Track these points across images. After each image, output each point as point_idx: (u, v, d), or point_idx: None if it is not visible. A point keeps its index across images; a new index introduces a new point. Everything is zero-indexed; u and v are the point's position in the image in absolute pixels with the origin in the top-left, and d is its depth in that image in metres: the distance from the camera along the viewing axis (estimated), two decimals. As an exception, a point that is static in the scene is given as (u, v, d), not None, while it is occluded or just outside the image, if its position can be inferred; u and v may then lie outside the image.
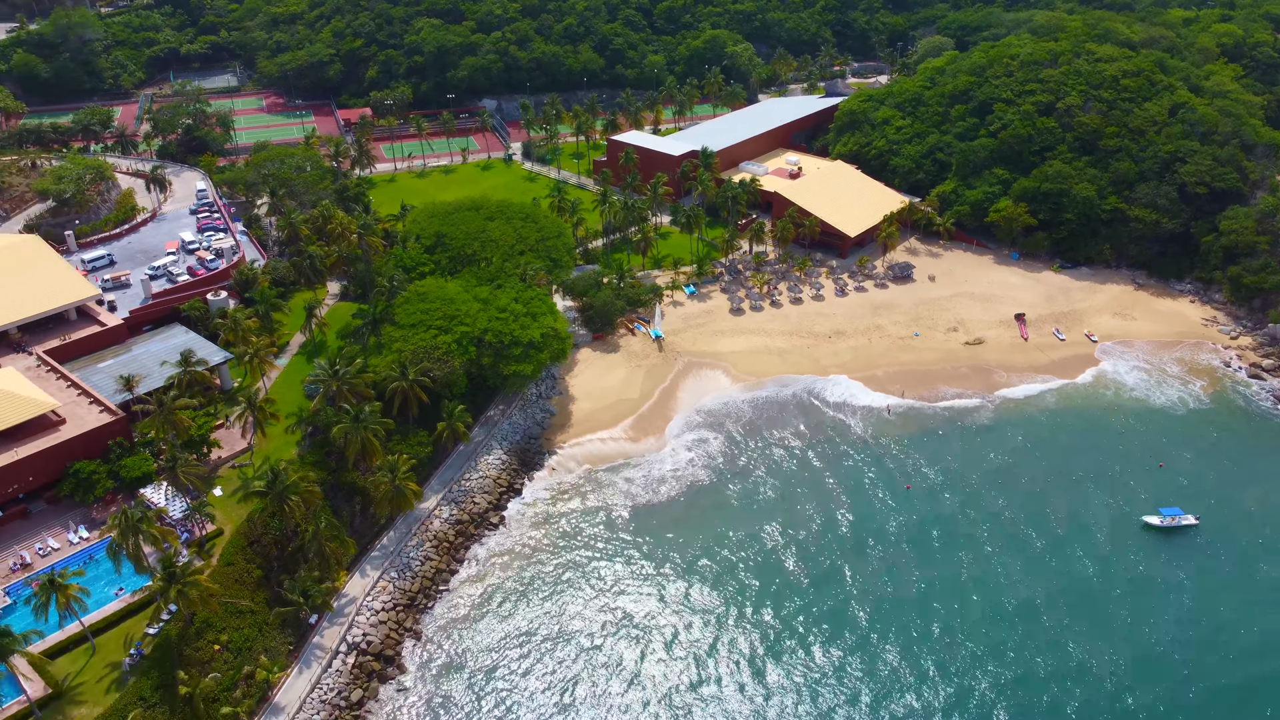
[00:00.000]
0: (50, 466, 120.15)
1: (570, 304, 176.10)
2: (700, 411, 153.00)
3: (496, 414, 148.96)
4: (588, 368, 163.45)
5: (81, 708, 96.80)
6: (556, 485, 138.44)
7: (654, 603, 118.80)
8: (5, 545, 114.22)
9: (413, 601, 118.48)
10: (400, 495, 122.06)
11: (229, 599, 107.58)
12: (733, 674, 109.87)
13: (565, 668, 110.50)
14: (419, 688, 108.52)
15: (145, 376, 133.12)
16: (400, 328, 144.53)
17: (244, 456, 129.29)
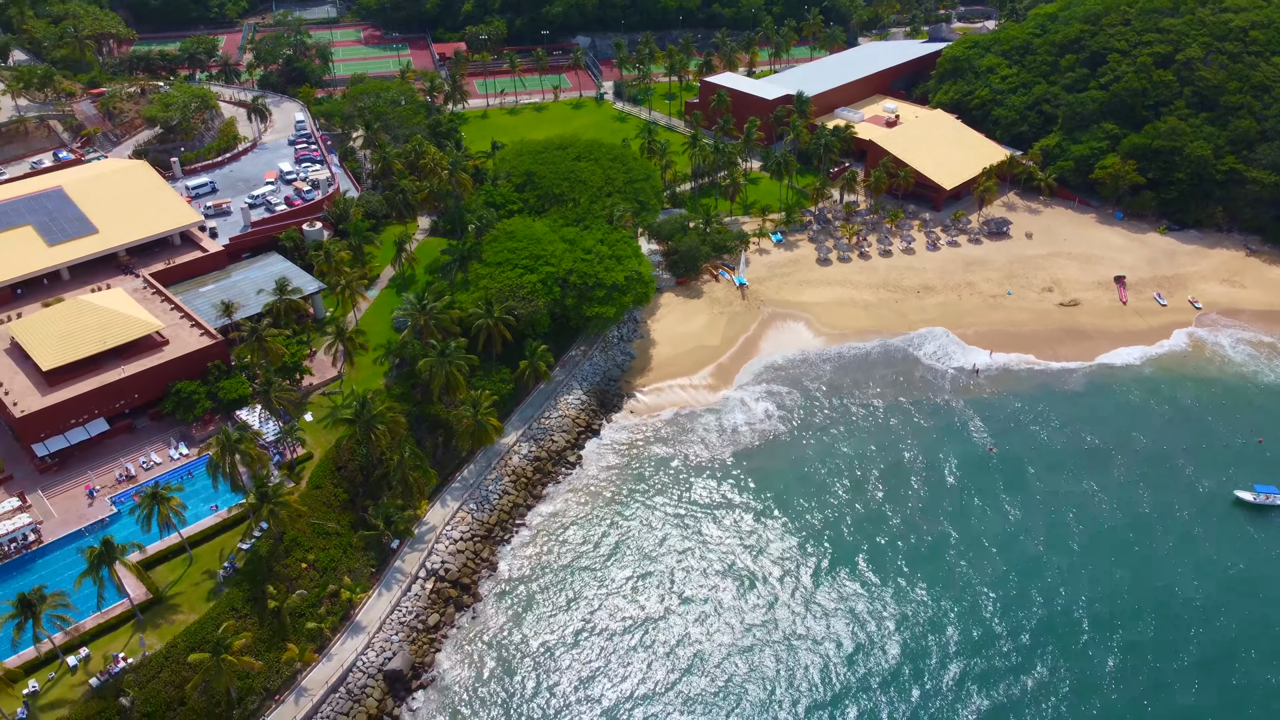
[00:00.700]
0: (154, 385, 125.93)
1: (655, 248, 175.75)
2: (781, 363, 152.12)
3: (577, 354, 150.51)
4: (670, 312, 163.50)
5: (179, 613, 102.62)
6: (634, 428, 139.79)
7: (726, 548, 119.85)
8: (112, 458, 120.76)
9: (490, 533, 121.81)
10: (481, 430, 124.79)
11: (316, 520, 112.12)
12: (799, 621, 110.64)
13: (637, 608, 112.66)
14: (493, 617, 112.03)
15: (243, 304, 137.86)
16: (487, 265, 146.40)
17: (334, 384, 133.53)
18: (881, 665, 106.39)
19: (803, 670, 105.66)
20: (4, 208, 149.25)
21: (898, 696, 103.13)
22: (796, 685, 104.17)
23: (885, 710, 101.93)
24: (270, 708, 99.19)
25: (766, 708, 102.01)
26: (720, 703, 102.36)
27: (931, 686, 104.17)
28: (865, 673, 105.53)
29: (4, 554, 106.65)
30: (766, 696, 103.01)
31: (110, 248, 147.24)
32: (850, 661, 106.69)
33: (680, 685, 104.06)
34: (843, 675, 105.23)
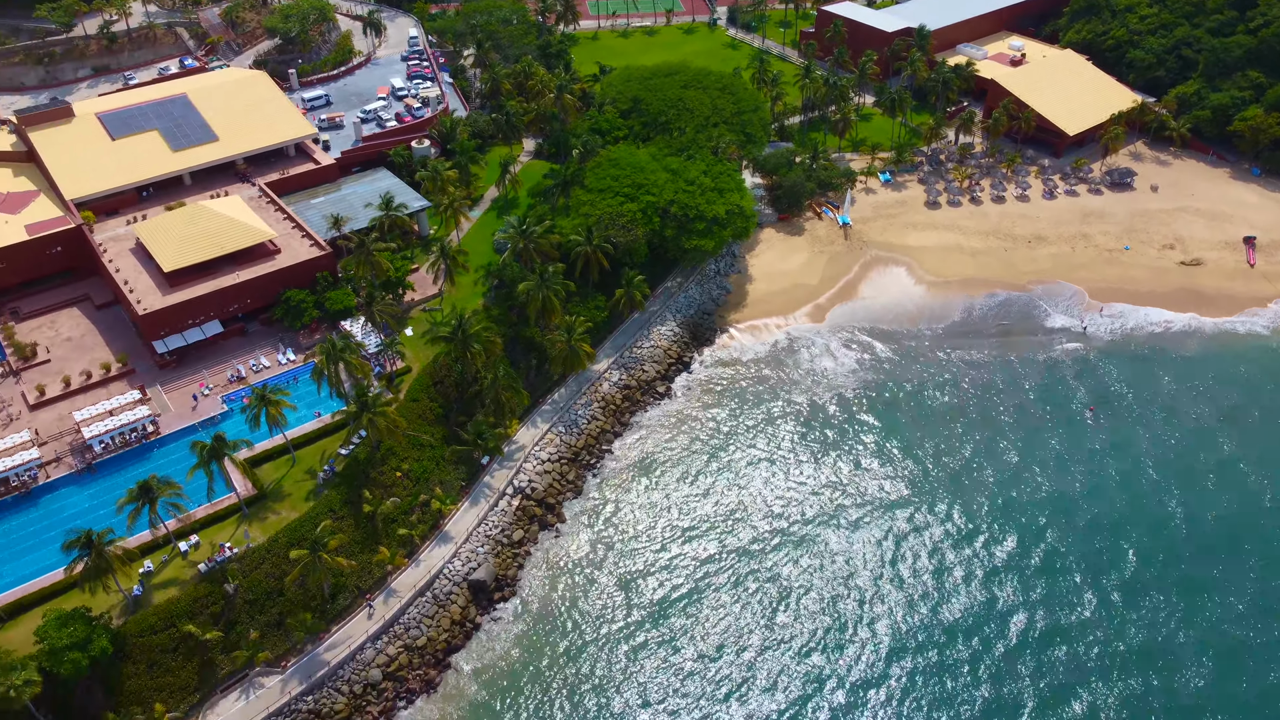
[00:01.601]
0: (266, 291, 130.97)
1: (759, 181, 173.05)
2: (879, 309, 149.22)
3: (673, 286, 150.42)
4: (769, 248, 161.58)
5: (281, 509, 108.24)
6: (725, 363, 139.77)
7: (810, 491, 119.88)
8: (225, 359, 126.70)
9: (576, 457, 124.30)
10: (574, 355, 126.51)
11: (412, 432, 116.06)
12: (880, 565, 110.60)
13: (716, 542, 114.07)
14: (575, 539, 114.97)
15: (351, 217, 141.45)
16: (589, 192, 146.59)
17: (434, 301, 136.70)
18: (964, 622, 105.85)
19: (888, 612, 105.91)
20: (133, 112, 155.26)
21: (968, 655, 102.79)
22: (878, 628, 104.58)
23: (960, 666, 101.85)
24: (361, 605, 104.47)
25: (845, 648, 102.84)
26: (793, 641, 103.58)
27: (1001, 646, 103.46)
28: (946, 622, 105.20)
29: (125, 442, 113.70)
30: (845, 637, 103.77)
31: (229, 156, 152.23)
32: (934, 609, 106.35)
33: (754, 620, 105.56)
34: (923, 622, 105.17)
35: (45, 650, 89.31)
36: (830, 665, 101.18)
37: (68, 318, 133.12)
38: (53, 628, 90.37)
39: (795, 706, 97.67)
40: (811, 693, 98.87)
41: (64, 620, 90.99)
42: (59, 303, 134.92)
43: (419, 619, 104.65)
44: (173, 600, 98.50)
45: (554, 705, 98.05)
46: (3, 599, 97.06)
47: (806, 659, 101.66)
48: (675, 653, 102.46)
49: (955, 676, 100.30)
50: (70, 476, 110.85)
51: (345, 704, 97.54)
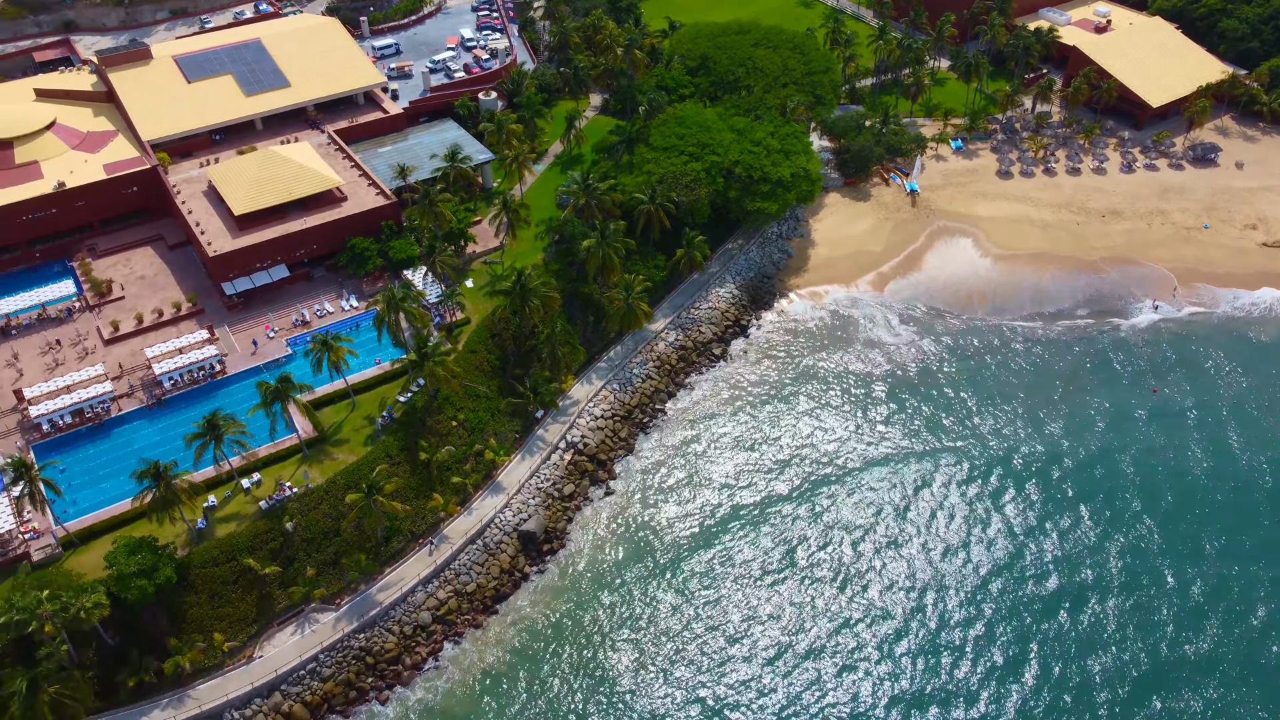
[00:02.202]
0: (332, 238, 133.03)
1: (826, 144, 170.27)
2: (944, 281, 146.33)
3: (734, 248, 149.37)
4: (833, 213, 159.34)
5: (339, 452, 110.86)
6: (783, 328, 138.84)
7: (861, 463, 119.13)
8: (290, 303, 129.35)
9: (630, 415, 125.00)
10: (631, 313, 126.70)
11: (469, 383, 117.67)
12: (927, 538, 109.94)
13: (766, 507, 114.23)
14: (626, 496, 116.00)
15: (416, 167, 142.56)
16: (653, 150, 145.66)
17: (495, 254, 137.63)
18: (1025, 600, 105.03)
19: (946, 594, 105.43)
20: (208, 56, 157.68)
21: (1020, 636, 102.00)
22: (937, 610, 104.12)
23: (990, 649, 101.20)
24: (414, 549, 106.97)
25: (896, 624, 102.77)
26: (839, 612, 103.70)
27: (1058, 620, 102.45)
28: (1002, 606, 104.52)
29: (193, 380, 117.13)
30: (897, 613, 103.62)
31: (300, 102, 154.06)
32: (1001, 589, 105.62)
33: (800, 587, 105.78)
34: (990, 606, 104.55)
35: (114, 576, 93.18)
36: (876, 637, 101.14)
37: (142, 256, 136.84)
38: (121, 555, 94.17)
39: (840, 676, 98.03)
40: (854, 664, 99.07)
41: (132, 548, 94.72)
42: (134, 241, 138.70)
43: (469, 565, 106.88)
44: (234, 534, 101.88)
45: (595, 658, 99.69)
46: (75, 524, 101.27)
47: (851, 628, 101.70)
48: (721, 615, 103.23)
49: (1024, 656, 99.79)
50: (141, 410, 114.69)
51: (395, 644, 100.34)
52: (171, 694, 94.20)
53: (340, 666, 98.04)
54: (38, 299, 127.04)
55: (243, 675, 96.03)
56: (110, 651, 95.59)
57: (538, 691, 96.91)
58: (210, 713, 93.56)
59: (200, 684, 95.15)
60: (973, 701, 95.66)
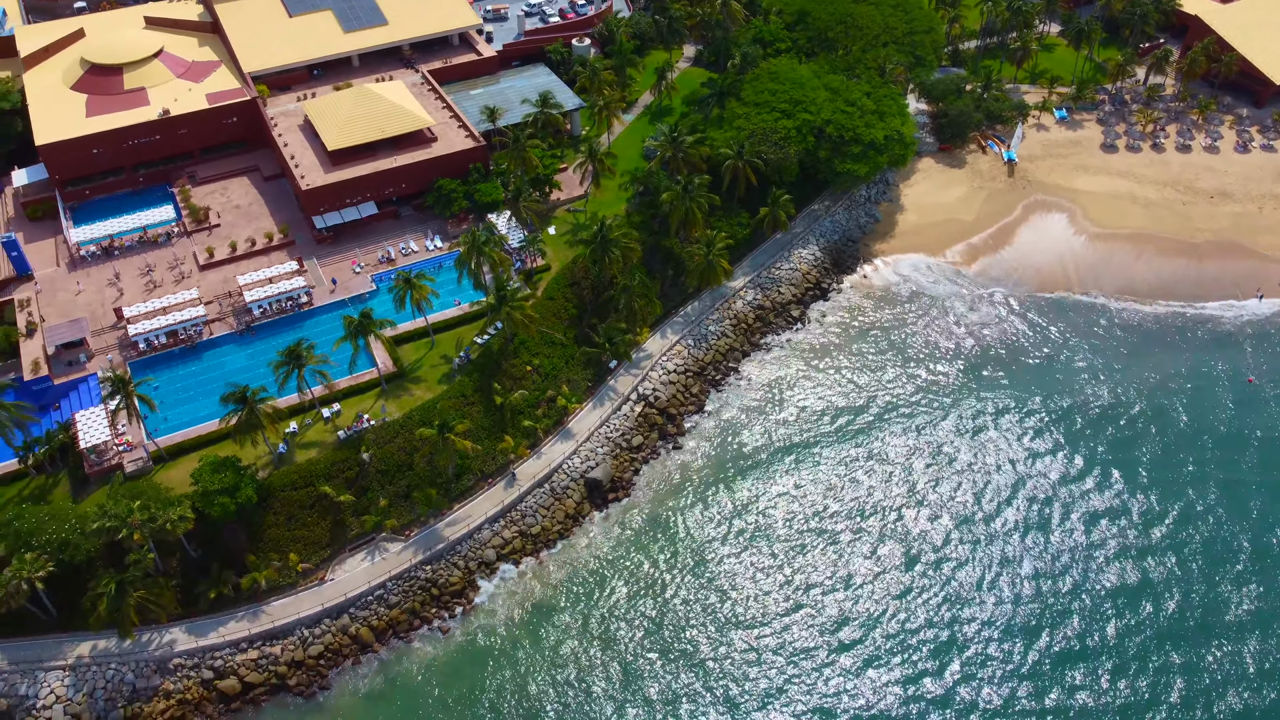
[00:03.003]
0: (420, 178, 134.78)
1: (923, 107, 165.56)
2: (1036, 256, 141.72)
3: (820, 209, 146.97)
4: (925, 179, 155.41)
5: (416, 389, 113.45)
6: (864, 294, 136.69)
7: (939, 435, 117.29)
8: (377, 240, 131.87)
9: (702, 371, 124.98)
10: (711, 270, 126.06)
11: (545, 329, 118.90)
12: (1000, 513, 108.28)
13: (831, 477, 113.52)
14: (693, 451, 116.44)
15: (507, 110, 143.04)
16: (745, 105, 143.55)
17: (578, 203, 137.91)
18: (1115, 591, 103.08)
19: (1020, 578, 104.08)
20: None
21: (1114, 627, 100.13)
22: (1005, 592, 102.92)
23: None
24: (483, 488, 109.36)
25: (957, 605, 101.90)
26: (906, 590, 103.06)
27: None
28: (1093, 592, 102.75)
29: (281, 310, 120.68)
30: (962, 594, 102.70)
31: (397, 40, 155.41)
32: (1078, 581, 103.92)
33: (864, 562, 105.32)
34: (1065, 597, 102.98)
35: (199, 492, 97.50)
36: (948, 611, 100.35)
37: (238, 186, 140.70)
38: (207, 472, 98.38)
39: (891, 651, 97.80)
40: (910, 644, 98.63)
41: (217, 467, 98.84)
42: (231, 171, 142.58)
43: (535, 508, 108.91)
44: (312, 461, 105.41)
45: (649, 608, 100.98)
46: (165, 440, 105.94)
47: (919, 601, 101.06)
48: (780, 581, 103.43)
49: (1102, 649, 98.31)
50: (230, 336, 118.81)
51: (460, 578, 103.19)
52: (247, 608, 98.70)
53: (406, 595, 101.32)
54: (140, 222, 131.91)
55: (314, 596, 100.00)
56: (192, 563, 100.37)
57: (589, 632, 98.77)
58: (283, 629, 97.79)
59: (274, 601, 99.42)
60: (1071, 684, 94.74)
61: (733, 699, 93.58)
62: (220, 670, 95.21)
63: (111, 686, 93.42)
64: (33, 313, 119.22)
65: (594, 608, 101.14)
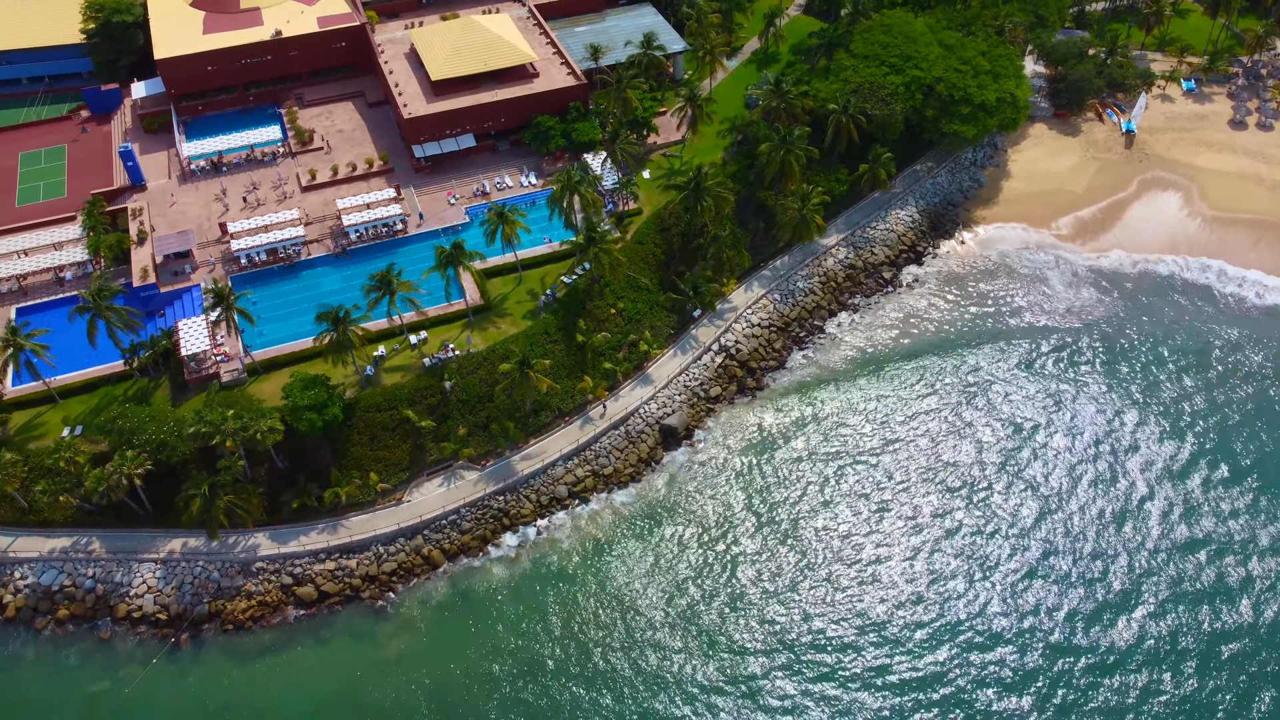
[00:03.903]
0: (520, 113, 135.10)
1: (1040, 70, 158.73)
2: (1147, 235, 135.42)
3: (922, 170, 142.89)
4: (1035, 145, 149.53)
5: (502, 323, 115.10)
6: (960, 261, 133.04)
7: (1025, 414, 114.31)
8: (473, 173, 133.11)
9: (787, 327, 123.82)
10: (804, 225, 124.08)
11: (632, 273, 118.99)
12: (1112, 518, 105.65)
13: (913, 450, 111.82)
14: (770, 406, 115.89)
15: (610, 49, 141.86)
16: (853, 57, 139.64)
17: (675, 148, 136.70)
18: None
19: (1112, 567, 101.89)
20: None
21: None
22: (1102, 580, 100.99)
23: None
24: (559, 425, 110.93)
25: (1051, 586, 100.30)
26: (987, 566, 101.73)
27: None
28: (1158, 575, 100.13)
29: (376, 235, 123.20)
30: (1056, 575, 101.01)
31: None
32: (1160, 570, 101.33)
33: (940, 534, 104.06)
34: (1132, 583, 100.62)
35: (289, 406, 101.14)
36: (1029, 595, 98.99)
37: (343, 111, 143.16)
38: (297, 388, 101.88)
39: (957, 627, 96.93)
40: (989, 628, 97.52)
41: (307, 384, 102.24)
42: (337, 95, 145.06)
43: (609, 449, 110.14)
44: (398, 385, 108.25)
45: (714, 555, 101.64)
46: (260, 354, 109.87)
47: (1003, 584, 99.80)
48: (847, 545, 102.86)
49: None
50: (327, 258, 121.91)
51: (531, 511, 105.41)
52: (327, 520, 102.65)
53: (478, 522, 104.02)
54: (248, 140, 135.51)
55: (391, 515, 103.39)
56: (279, 474, 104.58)
57: (652, 573, 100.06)
58: (359, 543, 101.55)
59: (353, 516, 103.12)
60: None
61: (782, 651, 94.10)
62: (299, 577, 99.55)
63: (198, 582, 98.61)
64: (144, 222, 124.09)
65: (659, 550, 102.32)
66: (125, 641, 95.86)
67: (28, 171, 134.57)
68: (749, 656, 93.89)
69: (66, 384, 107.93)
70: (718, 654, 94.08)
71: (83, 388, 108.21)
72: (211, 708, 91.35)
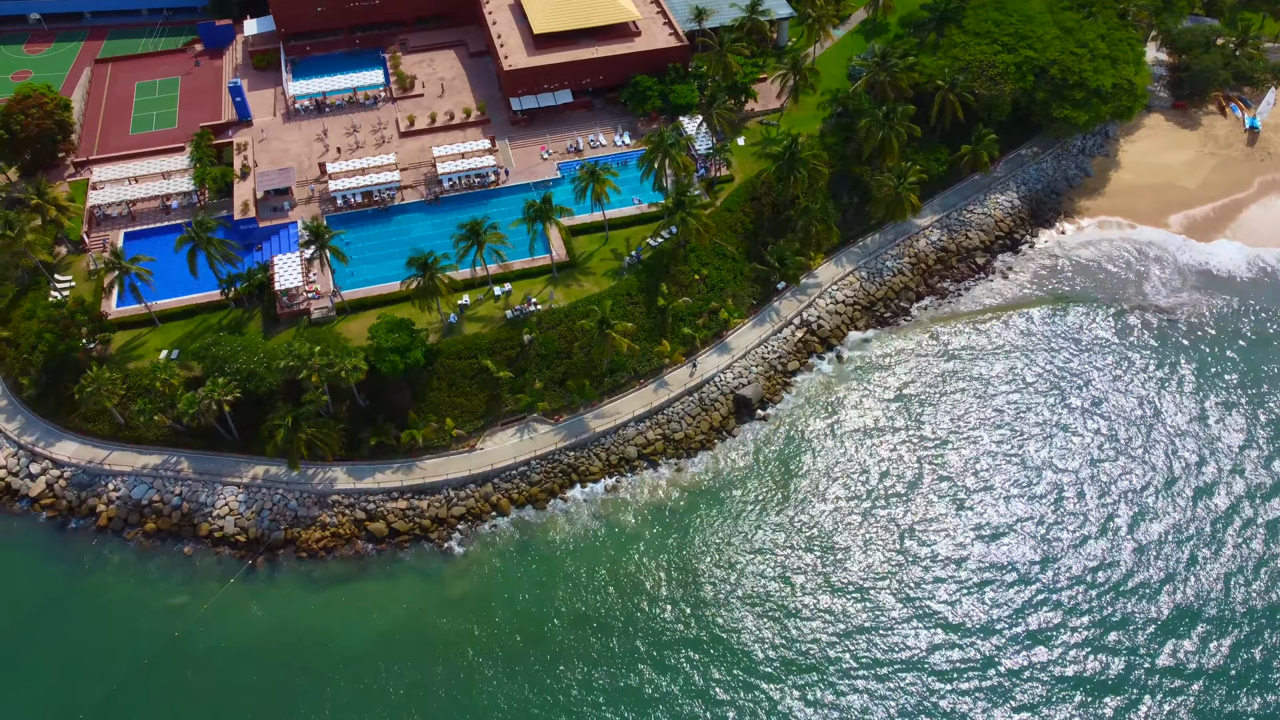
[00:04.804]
0: (618, 71, 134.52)
1: (1162, 57, 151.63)
2: (1264, 238, 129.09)
3: (1027, 154, 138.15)
4: (1149, 136, 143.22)
5: (585, 280, 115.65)
6: (1058, 252, 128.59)
7: (1120, 417, 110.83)
8: (567, 129, 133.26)
9: (871, 306, 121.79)
10: (899, 203, 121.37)
11: (718, 240, 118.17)
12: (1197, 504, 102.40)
13: (995, 449, 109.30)
14: (848, 384, 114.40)
15: (714, 11, 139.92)
16: (965, 33, 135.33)
17: (772, 116, 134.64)
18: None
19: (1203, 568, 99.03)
20: None
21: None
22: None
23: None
24: (633, 387, 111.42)
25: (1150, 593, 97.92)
26: (1070, 561, 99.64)
27: None
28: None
29: (469, 185, 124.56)
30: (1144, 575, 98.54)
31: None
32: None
33: (1021, 524, 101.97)
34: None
35: (373, 347, 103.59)
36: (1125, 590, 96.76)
37: (444, 59, 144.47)
38: (383, 330, 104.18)
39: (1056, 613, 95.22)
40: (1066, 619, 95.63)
41: (392, 326, 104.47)
42: (439, 44, 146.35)
43: (681, 415, 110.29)
44: (479, 335, 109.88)
45: (778, 527, 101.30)
46: (350, 294, 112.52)
47: (1086, 578, 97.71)
48: (925, 535, 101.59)
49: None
50: (419, 204, 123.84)
51: (599, 469, 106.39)
52: (403, 460, 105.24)
53: (547, 475, 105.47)
54: (351, 83, 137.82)
55: (464, 460, 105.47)
56: (359, 411, 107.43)
57: (714, 541, 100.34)
58: (431, 485, 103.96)
59: (427, 459, 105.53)
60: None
61: (835, 631, 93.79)
62: (372, 513, 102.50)
63: (277, 509, 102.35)
64: (248, 157, 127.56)
65: (724, 520, 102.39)
66: (205, 559, 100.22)
67: (143, 100, 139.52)
68: (809, 639, 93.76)
69: (166, 309, 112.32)
70: (784, 632, 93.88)
71: (181, 314, 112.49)
72: (282, 629, 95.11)
